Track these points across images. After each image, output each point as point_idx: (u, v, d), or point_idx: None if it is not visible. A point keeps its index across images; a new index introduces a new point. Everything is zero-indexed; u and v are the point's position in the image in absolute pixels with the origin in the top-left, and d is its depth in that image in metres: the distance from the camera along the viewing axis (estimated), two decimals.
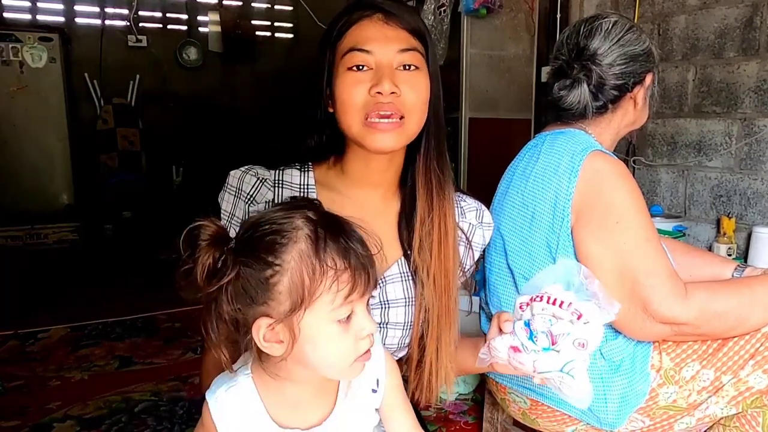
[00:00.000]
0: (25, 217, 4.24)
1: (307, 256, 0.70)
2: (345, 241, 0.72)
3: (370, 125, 0.90)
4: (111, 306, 3.02)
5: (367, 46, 0.91)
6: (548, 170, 1.17)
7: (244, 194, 0.98)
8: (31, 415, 1.87)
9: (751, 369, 1.07)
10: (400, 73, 0.92)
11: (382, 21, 0.93)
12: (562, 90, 1.24)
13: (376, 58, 0.91)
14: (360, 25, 0.93)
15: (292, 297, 0.69)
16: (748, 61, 2.30)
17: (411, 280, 1.01)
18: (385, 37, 0.92)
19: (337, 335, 0.72)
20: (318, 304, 0.70)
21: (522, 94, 3.29)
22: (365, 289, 0.72)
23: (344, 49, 0.93)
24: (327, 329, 0.71)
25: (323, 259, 0.70)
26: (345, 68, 0.92)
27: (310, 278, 0.69)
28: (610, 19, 1.22)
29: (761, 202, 2.29)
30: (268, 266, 0.70)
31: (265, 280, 0.70)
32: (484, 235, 1.10)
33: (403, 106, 0.91)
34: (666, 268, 1.07)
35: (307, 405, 0.79)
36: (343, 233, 0.73)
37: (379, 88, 0.89)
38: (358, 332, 0.72)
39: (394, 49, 0.92)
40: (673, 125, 2.60)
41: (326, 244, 0.71)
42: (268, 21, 5.73)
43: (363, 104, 0.91)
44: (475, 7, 2.99)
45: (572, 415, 1.18)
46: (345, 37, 0.94)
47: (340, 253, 0.71)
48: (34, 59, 4.30)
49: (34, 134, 4.36)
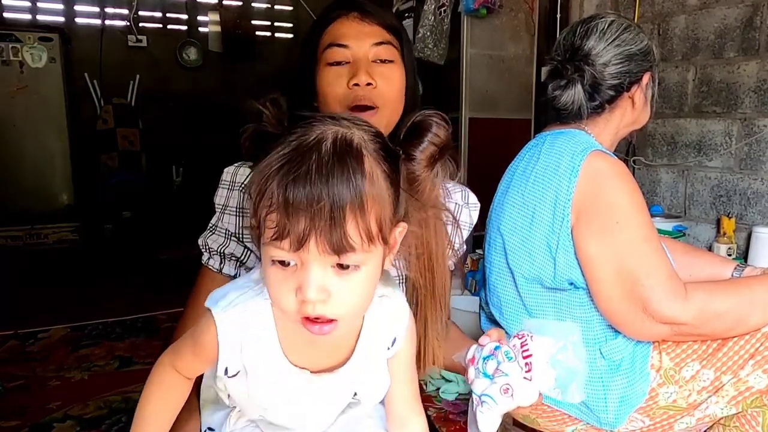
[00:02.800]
0: (25, 217, 4.24)
1: (265, 169, 0.59)
2: (301, 176, 0.57)
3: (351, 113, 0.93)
4: (111, 306, 3.02)
5: (344, 41, 0.98)
6: (548, 170, 1.17)
7: (237, 184, 1.00)
8: (31, 415, 1.87)
9: (751, 369, 1.06)
10: (376, 66, 0.98)
11: (357, 18, 1.00)
12: (556, 90, 1.24)
13: (353, 52, 0.98)
14: (338, 22, 1.00)
15: (253, 206, 0.61)
16: (748, 61, 2.30)
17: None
18: (360, 32, 0.99)
19: (274, 275, 0.61)
20: (262, 228, 0.60)
21: (522, 94, 3.29)
22: (305, 245, 0.57)
23: (324, 45, 1.00)
24: (266, 262, 0.62)
25: (267, 180, 0.59)
26: (325, 63, 0.99)
27: (255, 193, 0.60)
28: (607, 19, 1.22)
29: (761, 202, 2.29)
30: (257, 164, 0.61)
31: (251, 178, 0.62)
32: (471, 215, 1.13)
33: (380, 97, 0.97)
34: (666, 268, 1.07)
35: (322, 346, 0.69)
36: (319, 165, 0.58)
37: (356, 80, 0.96)
38: (298, 290, 0.60)
39: (369, 43, 0.98)
40: (673, 125, 2.60)
41: (281, 167, 0.58)
42: (268, 21, 5.73)
43: (343, 96, 0.97)
44: (475, 7, 2.99)
45: (572, 414, 1.18)
46: (324, 34, 1.01)
47: (281, 185, 0.58)
48: (34, 59, 4.30)
49: (34, 134, 4.37)
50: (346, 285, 0.60)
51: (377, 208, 0.60)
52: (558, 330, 0.91)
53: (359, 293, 0.62)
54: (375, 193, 0.60)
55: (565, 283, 1.15)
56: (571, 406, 1.17)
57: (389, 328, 0.73)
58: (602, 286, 1.09)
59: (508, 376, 0.86)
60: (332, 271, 0.59)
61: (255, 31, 5.65)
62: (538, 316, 1.19)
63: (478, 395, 0.88)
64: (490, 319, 1.33)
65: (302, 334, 0.64)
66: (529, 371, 0.86)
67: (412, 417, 0.80)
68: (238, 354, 0.68)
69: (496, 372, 0.87)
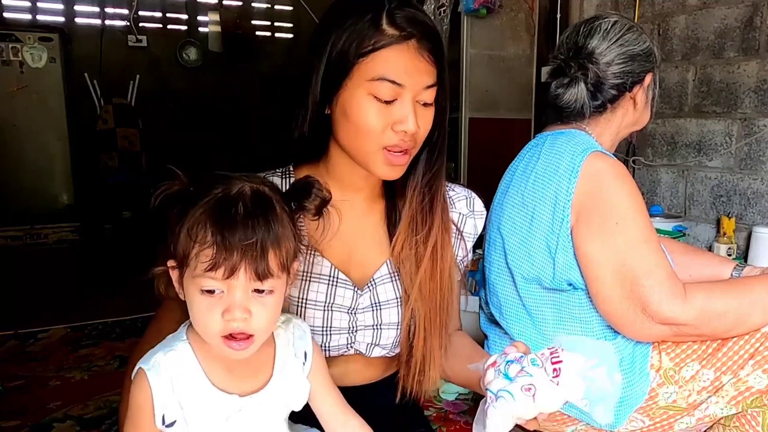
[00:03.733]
0: (25, 217, 4.24)
1: (198, 216, 0.72)
2: (232, 219, 0.71)
3: (386, 156, 0.89)
4: (111, 306, 3.01)
5: (400, 79, 0.86)
6: (548, 170, 1.17)
7: None
8: (31, 415, 1.87)
9: (751, 369, 1.07)
10: (419, 108, 0.89)
11: (415, 49, 0.86)
12: (559, 88, 1.24)
13: (405, 92, 0.87)
14: (393, 49, 0.85)
15: (178, 249, 0.73)
16: (748, 61, 2.30)
17: (400, 279, 1.01)
18: (417, 70, 0.87)
19: (202, 304, 0.73)
20: (191, 264, 0.72)
21: (522, 94, 3.29)
22: (236, 273, 0.71)
23: (372, 74, 0.86)
24: (193, 294, 0.73)
25: (199, 224, 0.71)
26: (368, 92, 0.86)
27: (186, 237, 0.72)
28: (610, 19, 1.23)
29: (761, 202, 2.30)
30: (174, 223, 0.73)
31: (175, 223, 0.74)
32: (476, 225, 1.09)
33: (413, 141, 0.91)
34: (665, 268, 1.07)
35: (243, 372, 0.80)
36: (246, 211, 0.72)
37: (405, 126, 0.87)
38: (225, 312, 0.72)
39: (422, 85, 0.88)
40: (673, 125, 2.60)
41: (213, 213, 0.72)
42: (268, 21, 5.74)
43: (382, 135, 0.88)
44: (475, 7, 3.00)
45: (571, 415, 1.18)
46: (372, 57, 0.86)
47: (216, 227, 0.71)
48: (34, 59, 4.30)
49: (34, 134, 4.37)
50: (262, 306, 0.74)
51: (287, 244, 0.76)
52: (593, 348, 0.82)
53: (272, 313, 0.77)
54: (285, 232, 0.76)
55: (565, 283, 1.15)
56: (571, 406, 1.17)
57: (298, 345, 0.85)
58: (602, 286, 1.09)
59: (532, 377, 0.76)
60: (252, 294, 0.74)
61: (255, 31, 5.65)
62: (537, 316, 1.19)
63: (494, 392, 0.77)
64: (490, 319, 1.33)
65: (224, 362, 0.78)
66: (556, 376, 0.76)
67: (349, 417, 0.87)
68: (170, 395, 0.76)
69: (520, 373, 0.77)
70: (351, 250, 1.01)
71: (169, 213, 0.76)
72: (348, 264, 1.00)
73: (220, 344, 0.74)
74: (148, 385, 0.75)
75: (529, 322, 1.20)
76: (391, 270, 1.01)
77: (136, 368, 0.77)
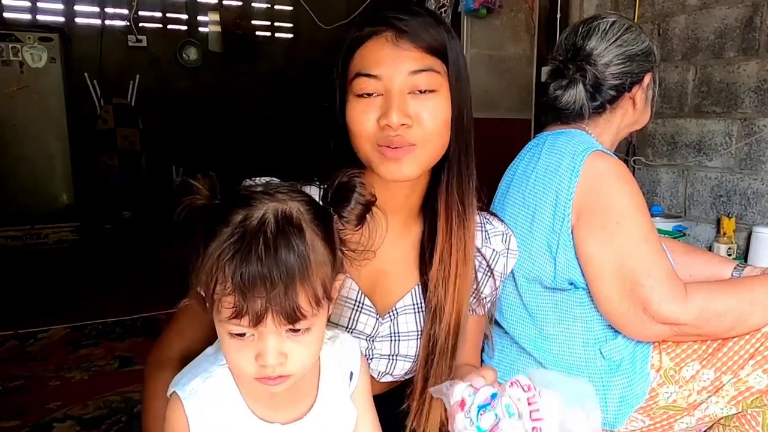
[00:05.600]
0: (25, 217, 4.24)
1: (216, 258, 0.63)
2: (252, 263, 0.62)
3: (381, 152, 0.84)
4: (111, 306, 3.01)
5: (374, 70, 0.82)
6: (549, 170, 1.17)
7: None
8: (31, 415, 1.87)
9: (751, 369, 1.06)
10: (415, 98, 0.83)
11: (391, 39, 0.83)
12: (557, 90, 1.24)
13: (384, 84, 0.82)
14: (368, 45, 0.84)
15: (201, 287, 0.65)
16: (748, 61, 2.30)
17: (424, 311, 0.95)
18: (394, 58, 0.82)
19: (232, 346, 0.66)
20: (216, 306, 0.65)
21: (522, 94, 3.29)
22: (263, 321, 0.63)
23: (352, 73, 0.84)
24: (223, 335, 0.67)
25: (218, 268, 0.63)
26: (353, 94, 0.84)
27: (206, 278, 0.64)
28: (609, 20, 1.22)
29: (761, 202, 2.30)
30: (200, 245, 0.65)
31: (196, 256, 0.66)
32: (507, 264, 1.02)
33: (418, 135, 0.83)
34: (665, 268, 1.07)
35: (286, 399, 0.73)
36: (267, 248, 0.62)
37: (386, 120, 0.81)
38: (257, 357, 0.65)
39: (405, 72, 0.82)
40: (673, 125, 2.60)
41: (232, 255, 0.62)
42: (268, 21, 5.74)
43: (372, 135, 0.84)
44: (475, 7, 3.00)
45: None
46: (354, 57, 0.85)
47: (235, 273, 0.62)
48: (34, 59, 4.30)
49: (34, 134, 4.37)
50: (299, 346, 0.66)
51: (321, 272, 0.66)
52: (570, 388, 0.76)
53: (312, 350, 0.69)
54: (318, 259, 0.66)
55: (565, 283, 1.15)
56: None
57: (346, 365, 0.79)
58: (602, 286, 1.09)
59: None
60: (286, 335, 0.65)
61: (255, 31, 5.65)
62: (538, 315, 1.19)
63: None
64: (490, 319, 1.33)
65: (265, 389, 0.69)
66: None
67: None
68: (208, 425, 0.70)
69: (495, 430, 0.71)
70: (379, 275, 0.95)
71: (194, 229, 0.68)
72: (374, 289, 0.95)
73: (253, 383, 0.68)
74: (184, 414, 0.70)
75: (529, 321, 1.20)
76: (415, 301, 0.96)
77: (170, 391, 0.72)
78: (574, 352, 1.15)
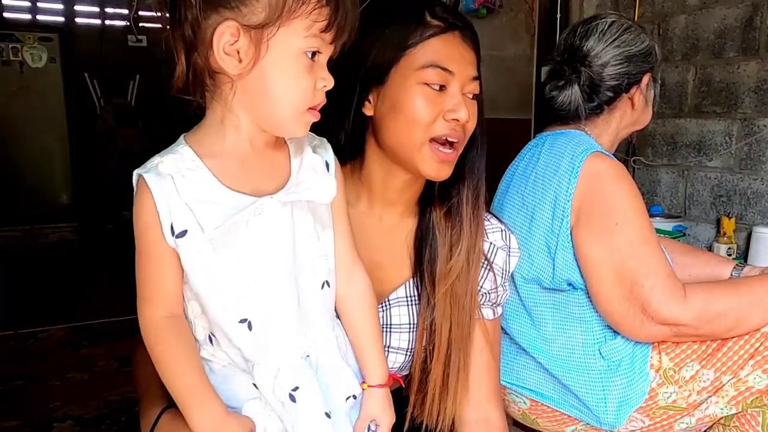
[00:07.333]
0: (25, 217, 4.24)
1: None
2: None
3: (434, 151, 0.86)
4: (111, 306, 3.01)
5: (450, 65, 0.85)
6: (548, 171, 1.17)
7: None
8: (31, 415, 1.87)
9: (751, 369, 1.06)
10: (467, 101, 0.87)
11: (460, 38, 0.87)
12: (553, 91, 1.25)
13: (456, 80, 0.86)
14: (441, 38, 0.86)
15: (269, 9, 0.64)
16: (748, 61, 2.30)
17: (418, 304, 0.96)
18: (464, 59, 0.87)
19: (300, 69, 0.67)
20: (293, 26, 0.65)
21: (522, 94, 3.29)
22: (337, 35, 0.68)
23: (421, 62, 0.85)
24: (292, 57, 0.67)
25: None
26: (418, 81, 0.85)
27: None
28: (608, 20, 1.22)
29: (761, 202, 2.29)
30: None
31: None
32: (508, 261, 1.02)
33: (463, 135, 0.88)
34: (665, 269, 1.07)
35: (255, 169, 0.71)
36: None
37: (457, 115, 0.84)
38: (317, 78, 0.68)
39: (469, 76, 0.87)
40: (673, 125, 2.60)
41: None
42: None
43: (431, 125, 0.85)
44: (475, 7, 3.00)
45: (571, 415, 1.18)
46: (422, 46, 0.85)
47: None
48: (34, 59, 4.30)
49: (34, 134, 4.37)
50: None
51: None
52: None
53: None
54: None
55: (564, 283, 1.15)
56: (571, 406, 1.17)
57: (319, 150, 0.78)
58: (601, 287, 1.09)
59: None
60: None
61: None
62: (537, 316, 1.19)
63: None
64: None
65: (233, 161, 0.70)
66: None
67: (356, 266, 0.83)
68: (176, 197, 0.68)
69: None
70: (373, 265, 0.95)
71: None
72: None
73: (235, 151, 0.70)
74: (148, 191, 0.68)
75: (528, 322, 1.20)
76: (409, 293, 0.97)
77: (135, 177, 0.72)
78: (573, 352, 1.15)
